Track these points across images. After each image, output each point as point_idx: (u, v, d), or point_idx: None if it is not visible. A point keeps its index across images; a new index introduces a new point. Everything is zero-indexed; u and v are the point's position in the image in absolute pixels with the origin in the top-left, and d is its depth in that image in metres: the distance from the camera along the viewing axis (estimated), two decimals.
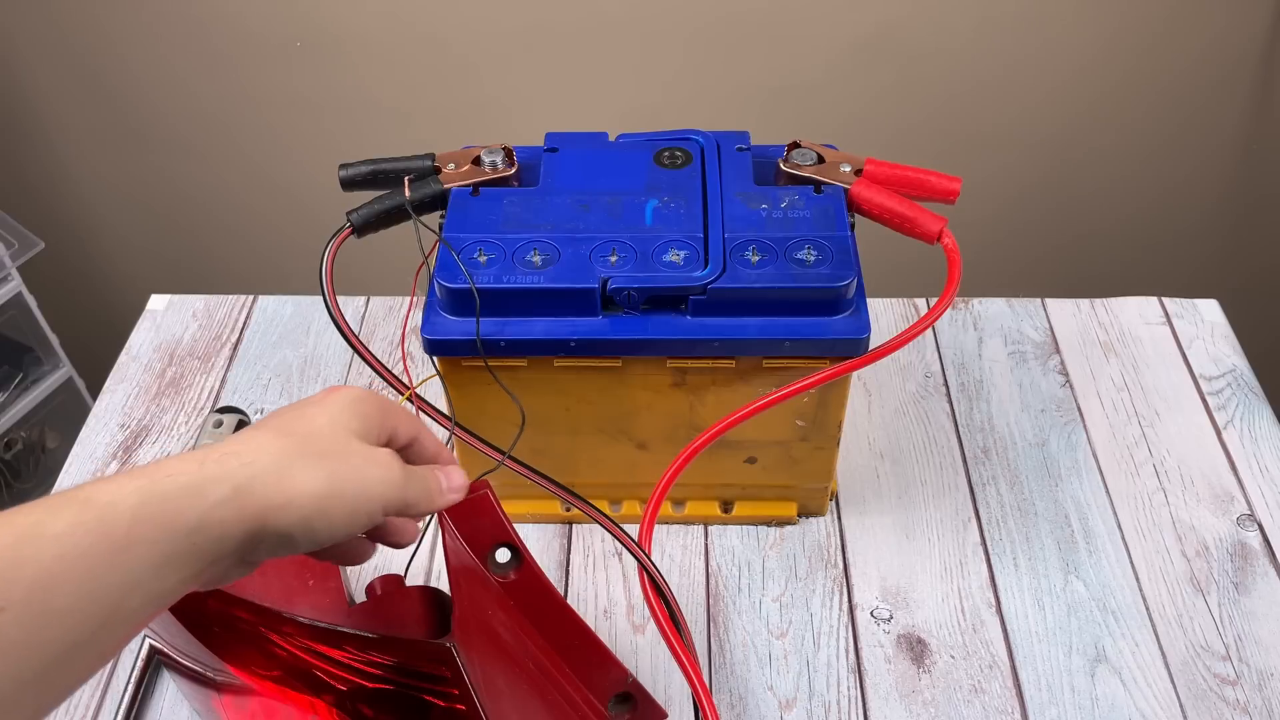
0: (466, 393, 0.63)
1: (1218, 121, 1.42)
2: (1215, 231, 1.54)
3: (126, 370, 0.81)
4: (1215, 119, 1.42)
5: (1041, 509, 0.71)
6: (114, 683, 0.63)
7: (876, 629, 0.65)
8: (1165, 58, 1.36)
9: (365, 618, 0.53)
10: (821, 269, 0.59)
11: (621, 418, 0.65)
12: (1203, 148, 1.45)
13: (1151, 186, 1.49)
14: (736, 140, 0.68)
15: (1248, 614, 0.65)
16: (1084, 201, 1.52)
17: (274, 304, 0.87)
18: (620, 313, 0.60)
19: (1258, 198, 1.49)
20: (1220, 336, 0.83)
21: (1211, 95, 1.40)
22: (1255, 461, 0.74)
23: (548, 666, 0.54)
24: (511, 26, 1.29)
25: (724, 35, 1.29)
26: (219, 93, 1.43)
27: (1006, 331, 0.83)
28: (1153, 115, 1.42)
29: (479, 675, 0.48)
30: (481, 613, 0.51)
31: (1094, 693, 0.62)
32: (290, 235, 1.58)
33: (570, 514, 0.71)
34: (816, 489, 0.69)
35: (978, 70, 1.38)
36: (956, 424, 0.77)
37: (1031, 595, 0.67)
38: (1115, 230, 1.54)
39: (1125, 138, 1.44)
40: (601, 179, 0.65)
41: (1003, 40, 1.34)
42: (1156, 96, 1.40)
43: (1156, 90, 1.39)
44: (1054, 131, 1.44)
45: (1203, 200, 1.51)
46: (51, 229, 1.43)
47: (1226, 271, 1.56)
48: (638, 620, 0.66)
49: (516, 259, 0.60)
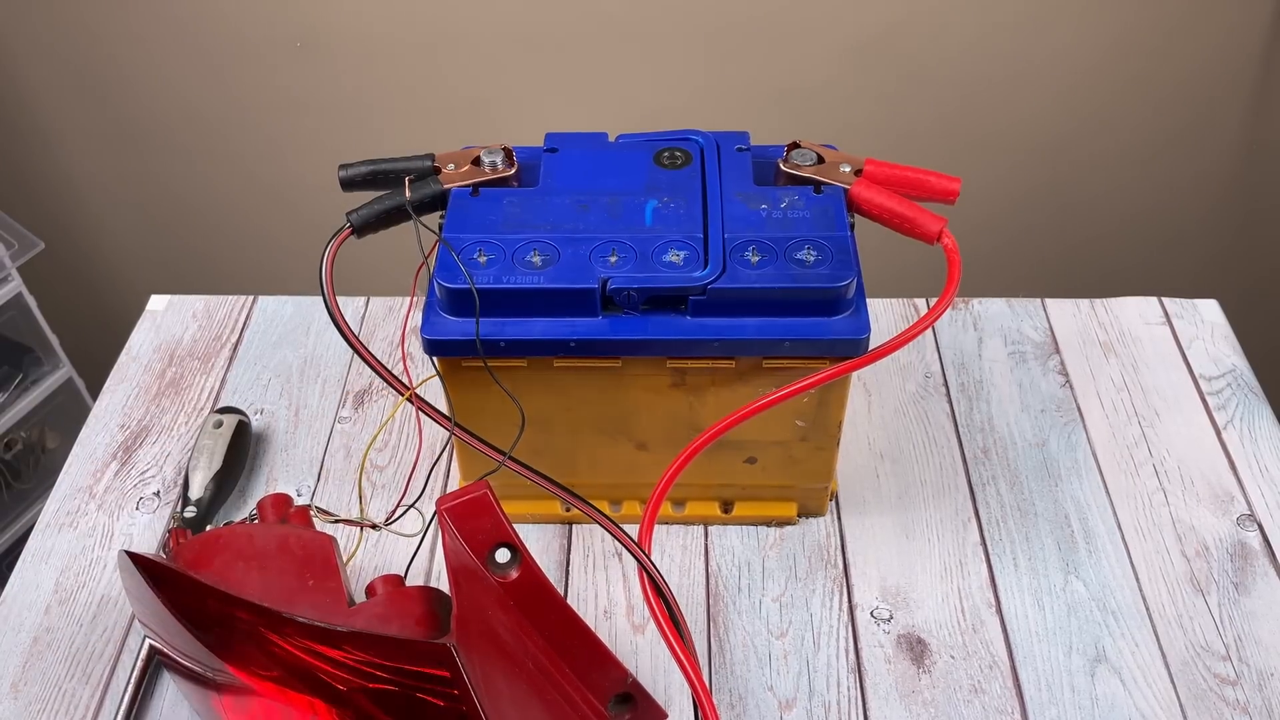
0: (466, 393, 0.63)
1: (1218, 122, 1.43)
2: (1215, 232, 1.54)
3: (126, 370, 0.81)
4: (1215, 120, 1.42)
5: (1041, 509, 0.71)
6: (114, 683, 0.63)
7: (876, 629, 0.65)
8: (1165, 59, 1.36)
9: (365, 618, 0.53)
10: (821, 269, 0.59)
11: (621, 418, 0.65)
12: (1203, 149, 1.45)
13: (1152, 187, 1.49)
14: (736, 140, 0.68)
15: (1248, 614, 0.65)
16: (1084, 202, 1.52)
17: (274, 304, 0.87)
18: (620, 313, 0.60)
19: (1258, 198, 1.49)
20: (1220, 337, 0.83)
21: (1211, 96, 1.40)
22: (1255, 462, 0.74)
23: (548, 666, 0.54)
24: (511, 26, 1.29)
25: (724, 36, 1.29)
26: (219, 93, 1.43)
27: (1006, 332, 0.83)
28: (1153, 116, 1.42)
29: (479, 675, 0.48)
30: (481, 613, 0.51)
31: (1094, 693, 0.62)
32: (290, 235, 1.59)
33: (570, 514, 0.71)
34: (816, 489, 0.69)
35: (978, 72, 1.38)
36: (956, 424, 0.77)
37: (1031, 595, 0.67)
38: (1115, 231, 1.54)
39: (1125, 138, 1.44)
40: (601, 179, 0.65)
41: (1003, 41, 1.34)
42: (1156, 97, 1.40)
43: (1156, 91, 1.39)
44: (1054, 132, 1.44)
45: (1203, 201, 1.51)
46: (51, 229, 1.43)
47: (1227, 272, 1.56)
48: (638, 620, 0.66)
49: (516, 259, 0.60)
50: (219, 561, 0.56)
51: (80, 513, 0.72)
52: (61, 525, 0.71)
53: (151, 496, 0.73)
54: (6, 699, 0.62)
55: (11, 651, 0.64)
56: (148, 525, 0.71)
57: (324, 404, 0.79)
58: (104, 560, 0.69)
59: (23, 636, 0.65)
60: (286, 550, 0.56)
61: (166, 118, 1.48)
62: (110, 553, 0.70)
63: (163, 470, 0.74)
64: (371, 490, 0.73)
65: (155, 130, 1.50)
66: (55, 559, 0.69)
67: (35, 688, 0.63)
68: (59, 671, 0.63)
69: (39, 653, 0.64)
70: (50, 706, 0.62)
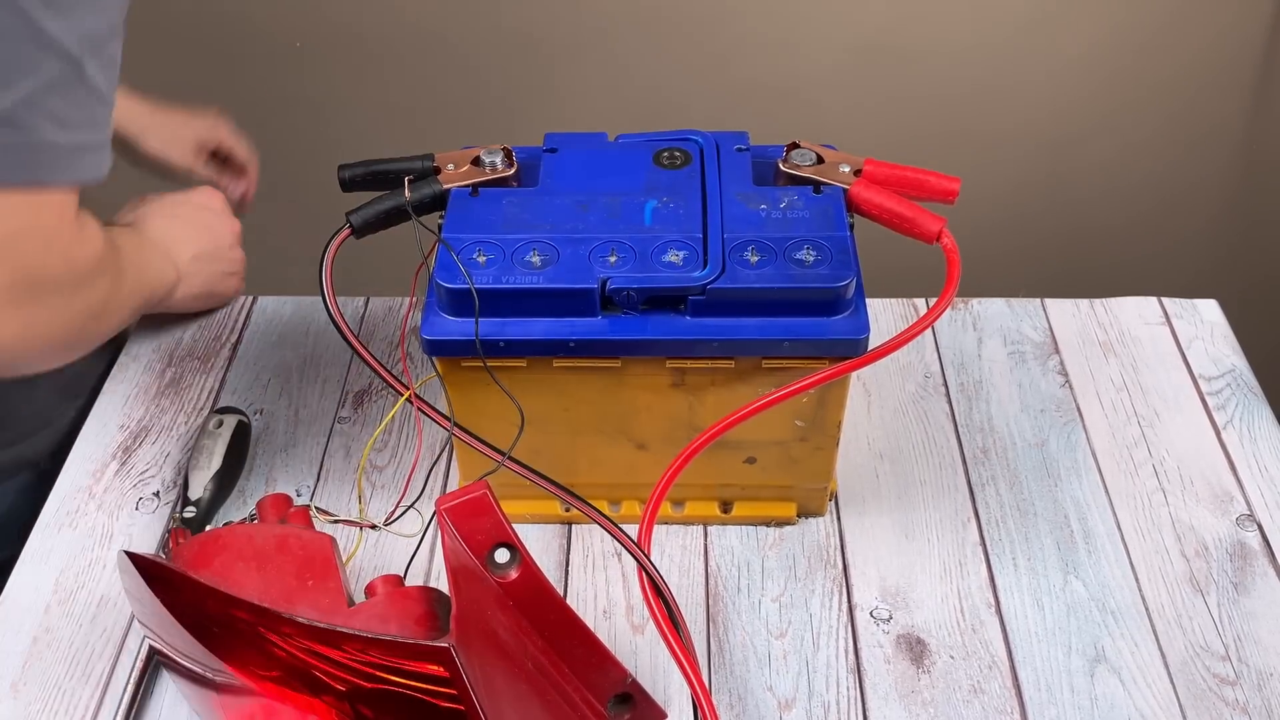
0: (466, 393, 0.63)
1: (1218, 122, 1.43)
2: (1215, 232, 1.54)
3: (126, 370, 0.82)
4: (1215, 119, 1.42)
5: (1041, 509, 0.71)
6: (114, 683, 0.63)
7: (876, 629, 0.65)
8: (1165, 59, 1.36)
9: (365, 618, 0.53)
10: (820, 269, 0.59)
11: (621, 418, 0.65)
12: (1202, 148, 1.45)
13: (1151, 187, 1.49)
14: (736, 140, 0.68)
15: (1247, 614, 0.65)
16: (1083, 202, 1.52)
17: (274, 304, 0.87)
18: (619, 313, 0.60)
19: (1257, 198, 1.49)
20: (1220, 337, 0.83)
21: (1211, 96, 1.40)
22: (1255, 462, 0.74)
23: (547, 666, 0.54)
24: (511, 26, 1.29)
25: (724, 35, 1.29)
26: (218, 92, 1.43)
27: (1006, 332, 0.83)
28: (1153, 116, 1.42)
29: (478, 675, 0.48)
30: (481, 613, 0.51)
31: (1093, 693, 0.62)
32: (290, 235, 1.58)
33: (570, 514, 0.71)
34: (816, 489, 0.69)
35: (978, 71, 1.38)
36: (956, 424, 0.77)
37: (1031, 595, 0.67)
38: (1115, 230, 1.54)
39: (1125, 139, 1.44)
40: (601, 179, 0.65)
41: (1003, 42, 1.35)
42: (1156, 97, 1.40)
43: (1156, 91, 1.39)
44: (1054, 132, 1.45)
45: (1203, 201, 1.51)
46: None
47: (1227, 272, 1.56)
48: (637, 620, 0.66)
49: (516, 259, 0.60)
50: (219, 561, 0.56)
51: (80, 513, 0.72)
52: (61, 525, 0.71)
53: (151, 496, 0.73)
54: (6, 699, 0.62)
55: (11, 651, 0.64)
56: (147, 525, 0.71)
57: (324, 404, 0.79)
58: (104, 560, 0.69)
59: (23, 636, 0.65)
60: (286, 550, 0.56)
61: None
62: (110, 553, 0.70)
63: (162, 470, 0.74)
64: (371, 490, 0.73)
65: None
66: (55, 559, 0.69)
67: (35, 688, 0.63)
68: (59, 671, 0.63)
69: (39, 653, 0.64)
70: (50, 706, 0.62)
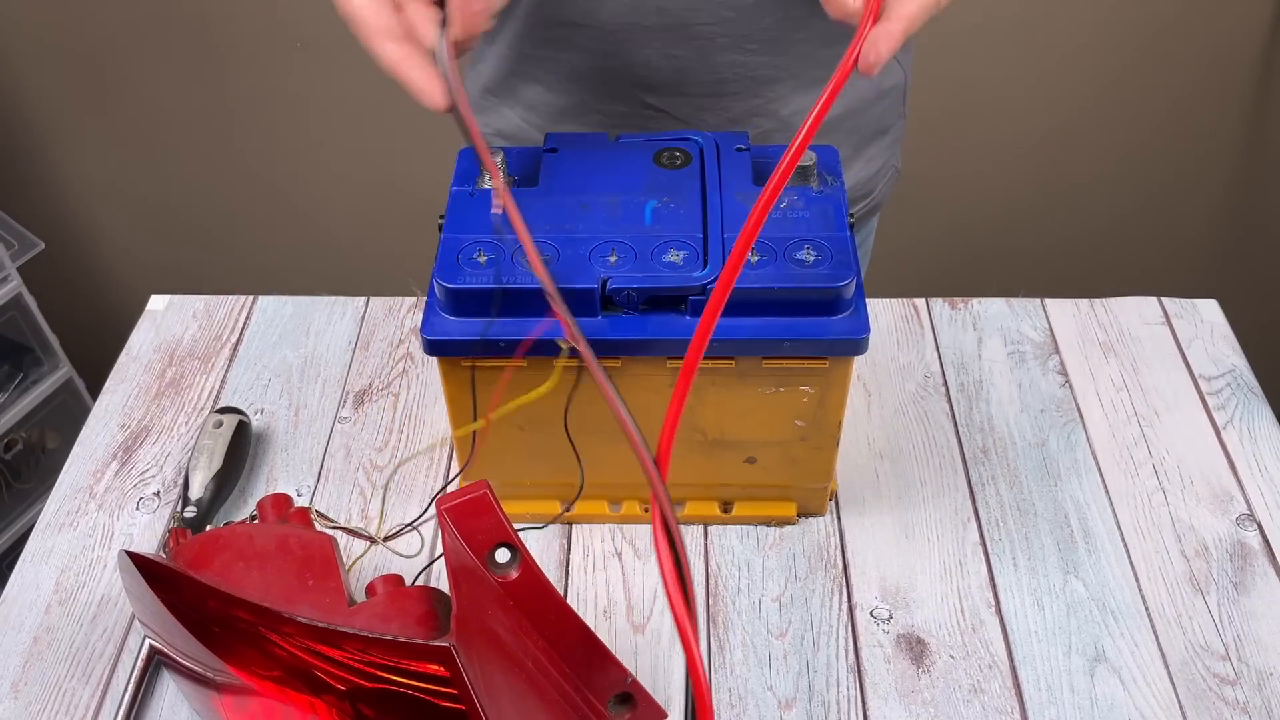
0: (466, 393, 0.63)
1: (1217, 121, 1.43)
2: (1215, 232, 1.54)
3: (126, 370, 0.82)
4: (1215, 119, 1.42)
5: (1041, 509, 0.71)
6: (114, 683, 0.63)
7: (876, 629, 0.65)
8: (1165, 58, 1.36)
9: (365, 617, 0.53)
10: (821, 269, 0.59)
11: None
12: (1202, 148, 1.45)
13: (1151, 186, 1.49)
14: (736, 141, 0.68)
15: (1247, 614, 0.66)
16: (1083, 202, 1.52)
17: (274, 304, 0.87)
18: (620, 313, 0.60)
19: (1257, 197, 1.49)
20: (1220, 337, 0.83)
21: (1211, 95, 1.40)
22: (1255, 461, 0.74)
23: (547, 666, 0.54)
24: None
25: None
26: (219, 93, 1.43)
27: (1006, 331, 0.83)
28: (1152, 115, 1.42)
29: (478, 675, 0.48)
30: (481, 613, 0.51)
31: (1093, 693, 0.62)
32: (290, 235, 1.59)
33: (570, 514, 0.71)
34: (816, 489, 0.69)
35: (977, 70, 1.38)
36: (956, 424, 0.77)
37: (1031, 595, 0.67)
38: (1115, 231, 1.54)
39: (1125, 138, 1.44)
40: (601, 179, 0.65)
41: (1002, 40, 1.35)
42: (1156, 97, 1.40)
43: (1156, 90, 1.39)
44: (1054, 132, 1.45)
45: (1203, 201, 1.51)
46: (51, 229, 1.43)
47: (1226, 272, 1.56)
48: (637, 620, 0.66)
49: (516, 259, 0.60)
50: (219, 561, 0.56)
51: (80, 513, 0.72)
52: (61, 525, 0.71)
53: (151, 496, 0.73)
54: (6, 699, 0.62)
55: (11, 651, 0.64)
56: (148, 525, 0.71)
57: (324, 404, 0.79)
58: (104, 560, 0.69)
59: (23, 636, 0.65)
60: (286, 550, 0.56)
61: (166, 118, 1.48)
62: (110, 553, 0.70)
63: (163, 470, 0.74)
64: (371, 491, 0.73)
65: (155, 130, 1.50)
66: (55, 559, 0.69)
67: (35, 688, 0.63)
68: (59, 671, 0.63)
69: (39, 653, 0.64)
70: (50, 706, 0.62)
